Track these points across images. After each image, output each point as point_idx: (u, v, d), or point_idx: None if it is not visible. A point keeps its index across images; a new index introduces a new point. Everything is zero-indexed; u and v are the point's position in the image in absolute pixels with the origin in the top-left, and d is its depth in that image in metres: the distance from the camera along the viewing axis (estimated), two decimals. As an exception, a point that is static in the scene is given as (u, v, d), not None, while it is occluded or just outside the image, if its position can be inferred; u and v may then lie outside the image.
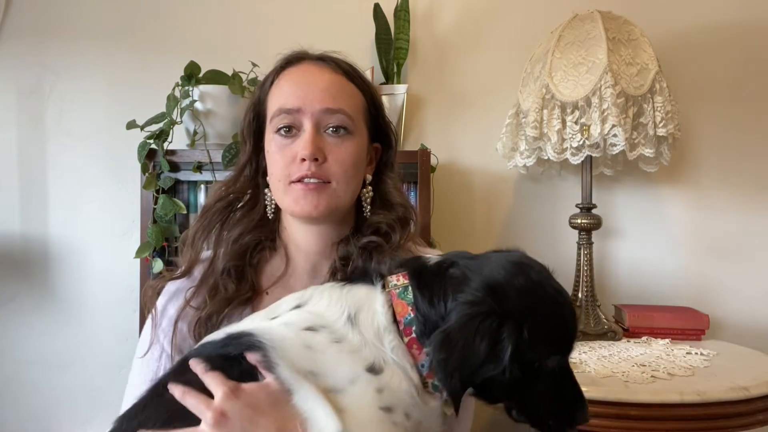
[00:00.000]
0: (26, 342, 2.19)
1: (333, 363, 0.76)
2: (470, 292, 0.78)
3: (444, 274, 0.82)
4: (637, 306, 2.00)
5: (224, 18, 2.19)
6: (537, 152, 1.89)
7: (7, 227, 2.19)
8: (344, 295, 0.83)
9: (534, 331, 0.76)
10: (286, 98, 1.01)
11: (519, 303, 0.78)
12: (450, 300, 0.79)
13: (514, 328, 0.75)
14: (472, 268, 0.81)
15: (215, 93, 1.90)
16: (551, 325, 0.80)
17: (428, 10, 2.19)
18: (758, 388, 1.45)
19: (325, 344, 0.78)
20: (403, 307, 0.81)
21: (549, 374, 0.79)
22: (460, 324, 0.76)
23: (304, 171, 0.98)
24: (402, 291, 0.82)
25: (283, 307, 0.85)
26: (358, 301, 0.82)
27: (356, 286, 0.84)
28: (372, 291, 0.83)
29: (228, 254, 1.05)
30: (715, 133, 2.14)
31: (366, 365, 0.77)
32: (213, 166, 1.90)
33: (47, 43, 2.19)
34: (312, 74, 1.03)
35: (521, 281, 0.80)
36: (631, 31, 1.81)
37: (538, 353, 0.77)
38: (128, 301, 2.11)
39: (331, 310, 0.81)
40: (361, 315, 0.80)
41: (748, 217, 2.13)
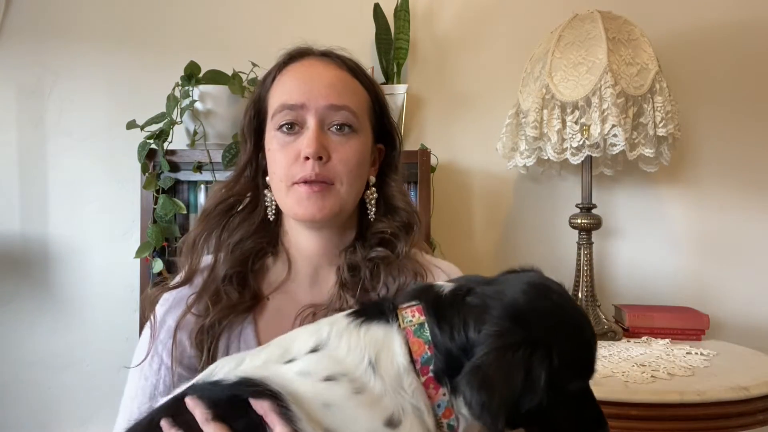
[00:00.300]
0: (26, 342, 2.19)
1: (351, 419, 0.73)
2: (495, 323, 0.75)
3: (462, 303, 0.79)
4: (637, 306, 2.00)
5: (224, 18, 2.19)
6: (537, 152, 1.89)
7: (7, 227, 2.19)
8: (362, 338, 0.79)
9: (562, 356, 0.74)
10: (290, 94, 0.97)
11: (545, 329, 0.76)
12: (472, 331, 0.76)
13: (545, 355, 0.73)
14: (491, 295, 0.78)
15: (215, 93, 1.90)
16: (577, 349, 0.78)
17: (428, 10, 2.20)
18: (758, 388, 1.45)
19: (344, 398, 0.74)
20: (419, 345, 0.78)
21: (573, 397, 0.78)
22: (493, 360, 0.73)
23: (308, 172, 0.94)
24: (417, 328, 0.78)
25: (298, 348, 0.79)
26: (376, 343, 0.78)
27: (373, 326, 0.80)
28: (389, 330, 0.79)
29: (229, 260, 1.01)
30: (715, 133, 2.14)
31: (384, 418, 0.74)
32: (213, 166, 1.90)
33: (47, 43, 2.19)
34: (316, 69, 0.99)
35: (544, 305, 0.78)
36: (631, 31, 1.81)
37: (566, 378, 0.76)
38: (128, 301, 2.11)
39: (351, 356, 0.77)
40: (381, 358, 0.77)
41: (748, 217, 2.13)
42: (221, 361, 0.81)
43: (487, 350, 0.73)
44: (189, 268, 1.02)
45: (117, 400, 1.07)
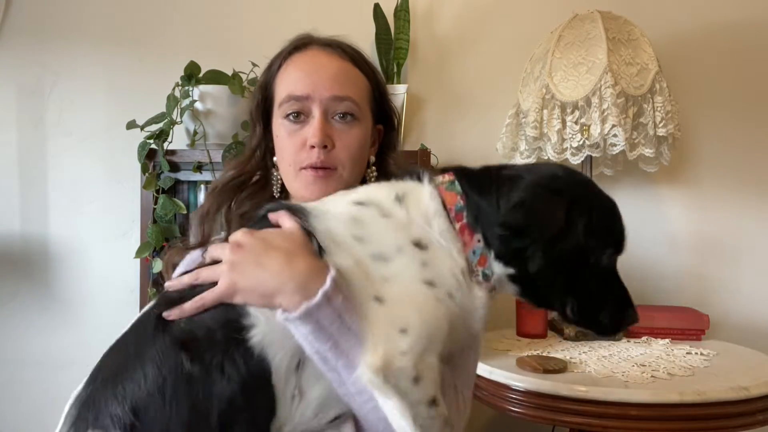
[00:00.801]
0: (26, 342, 2.19)
1: (381, 232, 0.79)
2: (534, 180, 0.81)
3: (497, 174, 0.85)
4: (637, 306, 2.00)
5: (224, 18, 2.19)
6: (537, 152, 1.89)
7: (7, 227, 2.19)
8: (392, 184, 0.86)
9: (598, 217, 0.80)
10: (295, 85, 1.03)
11: (582, 192, 0.82)
12: (506, 190, 0.81)
13: (584, 208, 0.79)
14: (526, 169, 0.85)
15: (215, 93, 1.90)
16: (609, 217, 0.84)
17: (428, 10, 2.20)
18: (758, 388, 1.45)
19: (373, 217, 0.81)
20: (452, 196, 0.84)
21: (603, 272, 0.82)
22: (534, 195, 0.79)
23: (314, 159, 1.01)
24: (449, 184, 0.85)
25: (331, 197, 0.89)
26: (405, 187, 0.85)
27: (402, 181, 0.88)
28: (419, 184, 0.86)
29: (239, 226, 1.07)
30: (715, 133, 2.14)
31: (412, 239, 0.79)
32: (213, 166, 1.90)
33: (47, 43, 2.19)
34: (320, 61, 1.05)
35: (578, 178, 0.86)
36: (631, 31, 1.82)
37: (599, 242, 0.80)
38: (128, 301, 2.11)
39: (379, 192, 0.85)
40: (408, 196, 0.84)
41: (748, 217, 2.13)
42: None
43: (528, 190, 0.79)
44: (203, 235, 1.10)
45: (117, 400, 1.07)
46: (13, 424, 2.19)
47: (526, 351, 1.72)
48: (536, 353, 1.68)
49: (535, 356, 1.63)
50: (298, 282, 0.77)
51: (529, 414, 1.51)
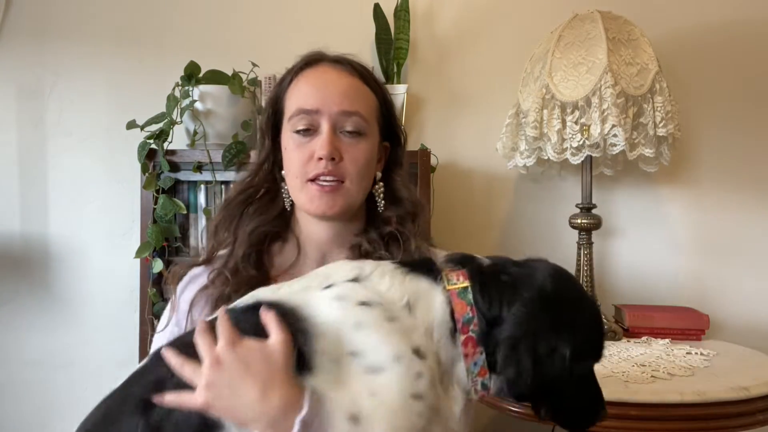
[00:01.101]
0: (26, 342, 2.19)
1: (382, 339, 0.77)
2: (526, 303, 0.83)
3: (497, 279, 0.86)
4: (637, 306, 2.00)
5: (224, 18, 2.19)
6: (537, 152, 1.89)
7: (7, 227, 2.19)
8: (406, 283, 0.84)
9: (582, 339, 0.84)
10: (306, 99, 1.06)
11: (570, 314, 0.85)
12: (504, 307, 0.83)
13: (571, 334, 0.82)
14: (521, 277, 0.86)
15: (215, 93, 1.90)
16: (593, 334, 0.87)
17: (428, 10, 2.20)
18: (758, 388, 1.45)
19: (377, 321, 0.79)
20: (462, 306, 0.84)
21: (581, 377, 0.85)
22: (524, 335, 0.81)
23: (321, 169, 1.03)
24: (462, 291, 0.85)
25: (339, 276, 0.85)
26: (418, 291, 0.84)
27: (418, 277, 0.86)
28: (433, 287, 0.85)
29: (246, 242, 1.09)
30: (715, 133, 2.14)
31: (413, 347, 0.78)
32: (213, 166, 1.90)
33: (47, 43, 2.19)
34: (330, 76, 1.07)
35: (568, 293, 0.87)
36: (631, 31, 1.81)
37: (582, 359, 0.84)
38: (128, 301, 2.11)
39: (390, 293, 0.82)
40: (419, 305, 0.83)
41: (748, 217, 2.13)
42: (259, 290, 0.88)
43: (519, 325, 0.81)
44: (209, 250, 1.12)
45: (117, 400, 1.07)
46: (13, 424, 2.19)
47: (526, 351, 1.72)
48: (536, 353, 1.68)
49: (535, 356, 1.63)
50: (270, 417, 0.76)
51: (529, 414, 1.51)
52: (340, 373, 0.76)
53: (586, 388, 0.88)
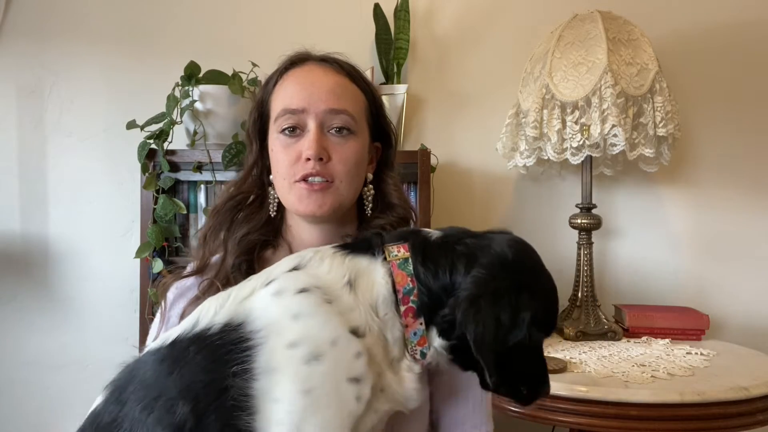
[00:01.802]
0: (26, 342, 2.19)
1: (319, 325, 0.78)
2: (485, 266, 0.82)
3: (451, 249, 0.85)
4: (637, 306, 2.00)
5: (224, 18, 2.19)
6: (537, 152, 1.89)
7: (7, 227, 2.19)
8: (346, 263, 0.84)
9: (542, 308, 0.82)
10: (291, 99, 1.03)
11: (530, 280, 0.83)
12: (459, 274, 0.82)
13: (531, 299, 0.81)
14: (479, 246, 0.85)
15: (215, 93, 1.90)
16: (550, 305, 0.86)
17: (428, 10, 2.20)
18: (758, 388, 1.45)
19: (314, 306, 0.79)
20: (403, 277, 0.84)
21: (531, 348, 0.84)
22: (484, 294, 0.80)
23: (309, 170, 1.00)
24: (402, 262, 0.85)
25: (280, 268, 0.85)
26: (359, 269, 0.84)
27: (358, 256, 0.86)
28: (373, 261, 0.85)
29: (236, 251, 1.07)
30: (715, 133, 2.14)
31: (350, 327, 0.79)
32: (213, 166, 1.90)
33: (47, 43, 2.19)
34: (316, 75, 1.04)
35: (528, 261, 0.86)
36: (631, 31, 1.82)
37: (539, 328, 0.82)
38: (128, 301, 2.11)
39: (331, 275, 0.83)
40: (360, 282, 0.83)
41: (748, 217, 2.13)
42: (209, 301, 0.85)
43: (477, 287, 0.80)
44: (201, 260, 1.09)
45: (117, 400, 1.07)
46: (13, 424, 2.19)
47: (526, 351, 1.72)
48: (536, 353, 1.68)
49: (535, 356, 1.63)
50: None
51: (528, 414, 1.51)
52: (280, 374, 0.76)
53: (537, 360, 0.86)
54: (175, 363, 0.77)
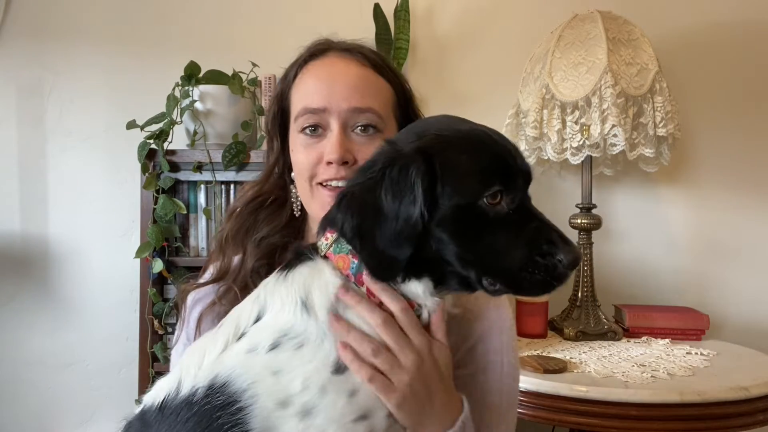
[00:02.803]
0: (26, 342, 2.19)
1: (302, 377, 0.74)
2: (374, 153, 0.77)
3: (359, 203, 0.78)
4: (637, 306, 2.00)
5: (224, 18, 2.19)
6: (537, 152, 1.89)
7: (7, 227, 2.19)
8: (291, 286, 0.78)
9: (450, 162, 0.72)
10: (312, 96, 0.95)
11: (426, 142, 0.74)
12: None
13: (421, 164, 0.71)
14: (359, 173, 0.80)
15: (215, 93, 1.90)
16: (471, 155, 0.74)
17: (428, 10, 2.20)
18: (758, 388, 1.45)
19: (289, 358, 0.74)
20: (344, 260, 0.78)
21: (508, 217, 0.73)
22: (360, 181, 0.73)
23: (332, 174, 0.93)
24: (335, 246, 0.79)
25: (245, 319, 0.80)
26: (305, 283, 0.78)
27: (297, 270, 0.80)
28: (313, 265, 0.79)
29: (256, 254, 1.01)
30: (715, 133, 2.14)
31: (331, 365, 0.74)
32: (213, 166, 1.90)
33: (47, 43, 2.19)
34: (338, 69, 0.96)
35: (436, 125, 0.78)
36: (631, 31, 1.81)
37: (465, 187, 0.72)
38: (128, 301, 2.11)
39: (284, 312, 0.77)
40: (312, 296, 0.77)
41: (748, 217, 2.13)
42: (187, 356, 0.81)
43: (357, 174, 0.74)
44: (220, 267, 1.03)
45: (117, 400, 1.07)
46: (13, 424, 2.19)
47: (526, 351, 1.72)
48: (536, 353, 1.68)
49: (535, 356, 1.63)
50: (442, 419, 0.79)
51: (529, 414, 1.51)
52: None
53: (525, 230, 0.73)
54: (169, 431, 0.75)
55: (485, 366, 0.95)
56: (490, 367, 0.95)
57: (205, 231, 1.97)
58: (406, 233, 0.70)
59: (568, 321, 1.90)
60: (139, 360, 1.91)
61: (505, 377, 0.95)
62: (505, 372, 0.96)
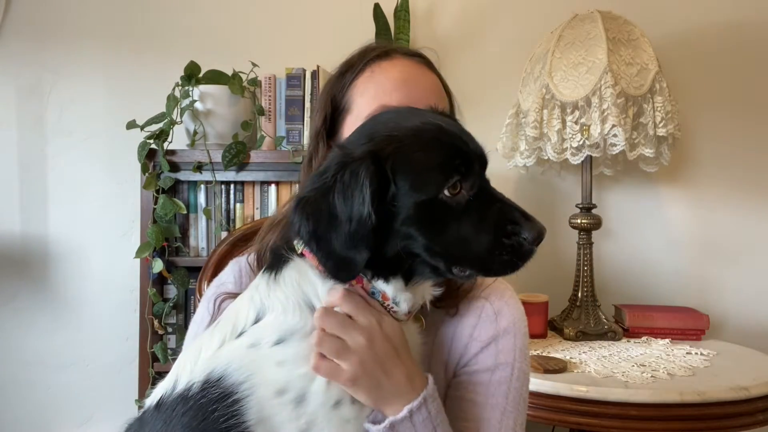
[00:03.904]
0: (26, 342, 2.19)
1: (303, 369, 0.76)
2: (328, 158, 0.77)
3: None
4: (637, 306, 2.00)
5: (224, 18, 2.19)
6: (537, 152, 1.89)
7: (7, 227, 2.19)
8: (286, 289, 0.80)
9: (404, 162, 0.73)
10: (390, 94, 0.94)
11: (377, 144, 0.74)
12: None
13: (370, 166, 0.71)
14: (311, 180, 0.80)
15: (215, 93, 1.90)
16: (425, 151, 0.74)
17: (428, 10, 2.20)
18: (758, 388, 1.45)
19: (297, 351, 0.76)
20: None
21: (469, 204, 0.75)
22: (315, 186, 0.74)
23: None
24: None
25: (243, 318, 0.80)
26: (297, 284, 0.79)
27: (284, 272, 0.81)
28: (296, 265, 0.80)
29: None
30: (715, 133, 2.14)
31: None
32: (213, 166, 1.90)
33: (47, 43, 2.19)
34: (412, 71, 0.97)
35: (387, 124, 0.78)
36: (631, 31, 1.82)
37: (423, 184, 0.73)
38: (128, 301, 2.11)
39: (289, 314, 0.78)
40: (311, 298, 0.79)
41: (747, 217, 2.13)
42: (182, 356, 0.82)
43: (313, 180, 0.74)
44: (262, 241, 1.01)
45: (117, 400, 1.07)
46: (13, 423, 2.19)
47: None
48: (536, 353, 1.68)
49: (535, 356, 1.63)
50: (404, 392, 0.78)
51: (529, 414, 1.50)
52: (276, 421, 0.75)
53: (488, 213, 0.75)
54: (164, 426, 0.75)
55: (494, 366, 0.95)
56: (500, 368, 0.95)
57: (205, 231, 1.97)
58: (360, 234, 0.72)
59: (568, 321, 1.90)
60: (139, 360, 1.91)
61: (514, 380, 0.96)
62: (515, 374, 0.96)
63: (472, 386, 0.92)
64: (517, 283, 2.26)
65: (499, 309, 0.98)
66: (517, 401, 0.96)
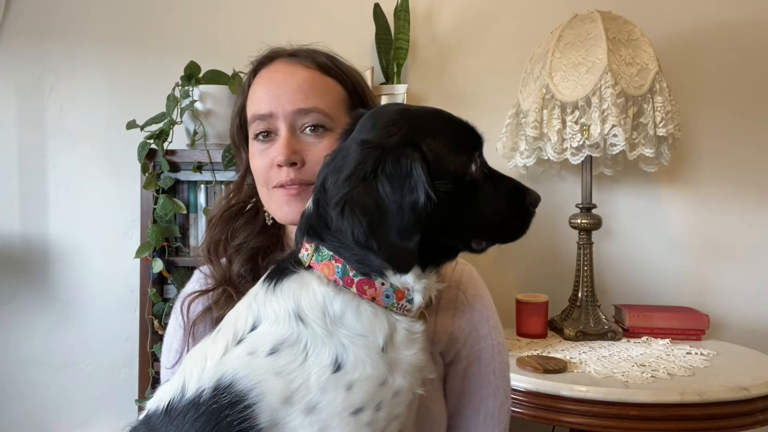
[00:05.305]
0: (26, 342, 2.19)
1: (302, 379, 0.76)
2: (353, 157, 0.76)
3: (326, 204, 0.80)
4: (637, 306, 2.00)
5: (224, 18, 2.19)
6: (537, 152, 1.89)
7: (7, 227, 2.19)
8: (281, 299, 0.80)
9: (434, 145, 0.76)
10: (259, 104, 0.99)
11: (406, 132, 0.77)
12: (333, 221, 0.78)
13: (413, 151, 0.74)
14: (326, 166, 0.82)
15: (215, 93, 1.90)
16: (447, 133, 0.79)
17: (428, 10, 2.20)
18: (758, 388, 1.45)
19: (289, 362, 0.77)
20: (328, 267, 0.79)
21: (486, 179, 0.80)
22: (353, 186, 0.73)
23: (283, 178, 0.96)
24: (315, 255, 0.80)
25: (242, 325, 0.81)
26: (294, 297, 0.80)
27: (284, 283, 0.81)
28: (299, 279, 0.81)
29: (239, 260, 1.04)
30: (715, 133, 2.14)
31: (331, 366, 0.76)
32: (213, 166, 1.90)
33: (47, 43, 2.18)
34: (282, 74, 1.00)
35: (401, 114, 0.80)
36: (631, 31, 1.82)
37: (455, 163, 0.77)
38: (128, 301, 2.11)
39: (279, 325, 0.79)
40: (303, 307, 0.79)
41: (747, 217, 2.13)
42: (188, 360, 0.82)
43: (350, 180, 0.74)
44: (218, 275, 1.06)
45: (117, 401, 1.08)
46: (13, 423, 2.19)
47: (526, 351, 1.72)
48: (536, 353, 1.69)
49: (535, 356, 1.63)
50: None
51: (529, 414, 1.51)
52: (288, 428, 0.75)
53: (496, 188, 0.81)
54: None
55: (479, 353, 1.01)
56: (484, 353, 1.01)
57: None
58: (414, 221, 0.73)
59: (568, 321, 1.90)
60: (139, 360, 1.91)
61: (496, 356, 1.02)
62: (496, 351, 1.02)
63: (465, 378, 1.00)
64: (517, 283, 2.27)
65: (472, 295, 1.03)
66: (503, 371, 1.03)
